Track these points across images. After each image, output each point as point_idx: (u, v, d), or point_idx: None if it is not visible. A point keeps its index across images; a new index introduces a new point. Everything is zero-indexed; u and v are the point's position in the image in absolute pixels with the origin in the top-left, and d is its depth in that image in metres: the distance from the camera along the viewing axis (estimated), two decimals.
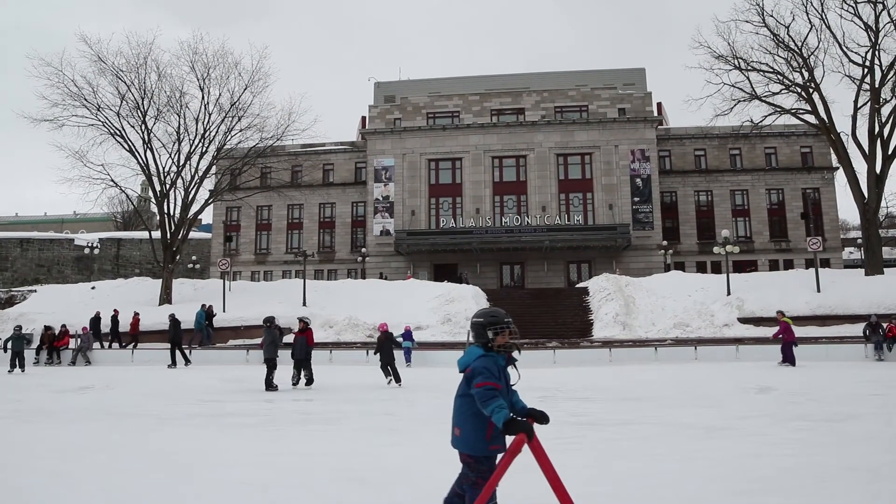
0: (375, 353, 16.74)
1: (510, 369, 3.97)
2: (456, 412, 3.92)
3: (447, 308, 32.38)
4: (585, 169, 50.29)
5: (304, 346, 15.14)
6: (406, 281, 40.31)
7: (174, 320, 23.59)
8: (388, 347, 16.22)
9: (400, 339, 21.73)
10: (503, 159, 51.22)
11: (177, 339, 22.73)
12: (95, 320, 28.39)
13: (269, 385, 14.31)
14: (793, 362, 17.99)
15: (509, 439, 3.75)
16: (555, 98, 52.26)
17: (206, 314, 29.44)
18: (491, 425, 3.73)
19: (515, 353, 3.96)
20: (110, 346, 27.81)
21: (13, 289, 44.49)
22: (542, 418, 3.88)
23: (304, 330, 15.38)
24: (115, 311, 29.50)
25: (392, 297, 34.02)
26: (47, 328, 26.38)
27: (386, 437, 8.16)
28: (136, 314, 29.10)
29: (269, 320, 15.41)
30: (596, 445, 7.40)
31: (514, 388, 3.96)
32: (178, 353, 22.34)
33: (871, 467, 5.96)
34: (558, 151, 50.43)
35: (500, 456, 3.83)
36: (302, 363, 15.12)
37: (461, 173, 51.34)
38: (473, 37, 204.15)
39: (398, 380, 15.71)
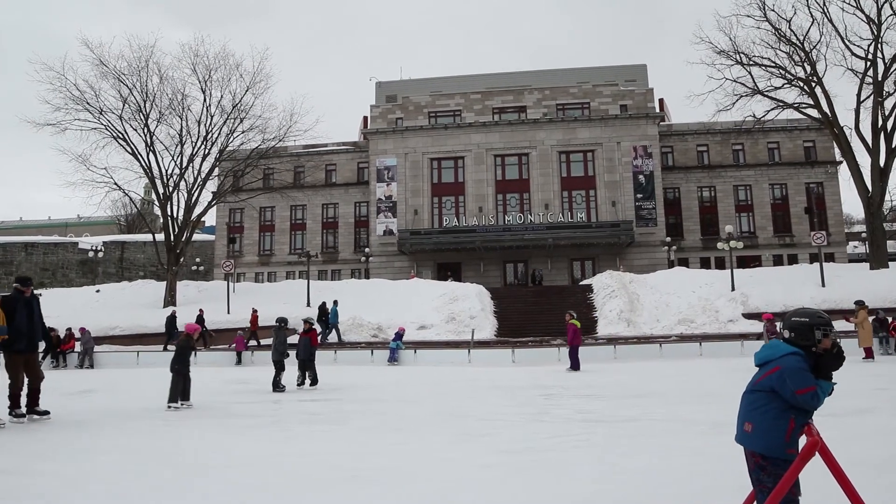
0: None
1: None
2: (748, 407, 3.63)
3: (451, 307, 32.39)
4: (588, 166, 50.24)
5: (307, 346, 15.15)
6: (410, 280, 40.33)
7: None
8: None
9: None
10: (505, 157, 51.20)
11: None
12: (172, 319, 28.62)
13: (277, 386, 14.31)
14: (577, 367, 17.27)
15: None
16: (556, 95, 52.22)
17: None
18: (791, 425, 3.44)
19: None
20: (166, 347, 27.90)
21: None
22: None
23: (308, 331, 15.41)
24: (200, 310, 29.77)
25: (396, 296, 34.04)
26: (51, 329, 26.50)
27: (392, 437, 8.17)
28: (255, 310, 29.08)
29: (282, 321, 15.33)
30: (602, 442, 7.39)
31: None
32: None
33: (877, 461, 5.94)
34: (560, 149, 50.38)
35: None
36: (306, 364, 15.14)
37: (463, 172, 51.33)
38: (473, 34, 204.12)
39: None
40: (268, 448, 7.44)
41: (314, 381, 15.04)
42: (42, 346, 10.21)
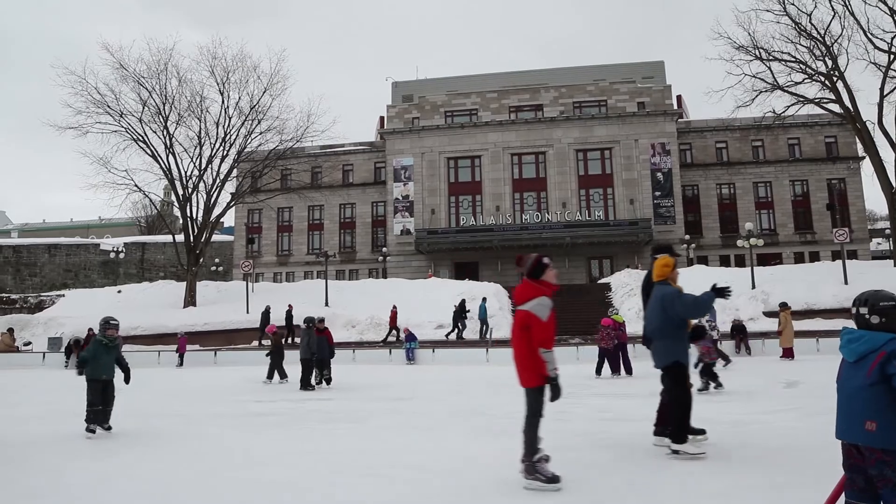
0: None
1: None
2: (866, 403, 3.44)
3: (469, 306, 32.29)
4: (605, 164, 49.99)
5: (324, 346, 15.23)
6: (427, 280, 40.38)
7: None
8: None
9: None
10: (522, 156, 51.09)
11: None
12: (289, 316, 28.90)
13: (305, 385, 14.41)
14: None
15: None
16: (573, 93, 52.00)
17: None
18: None
19: None
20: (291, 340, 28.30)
21: (42, 294, 45.38)
22: None
23: (324, 330, 15.47)
24: (289, 305, 29.96)
25: (413, 296, 34.08)
26: (77, 341, 26.88)
27: (412, 435, 8.18)
28: (395, 307, 29.32)
29: (309, 320, 15.40)
30: (623, 441, 7.35)
31: None
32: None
33: None
34: (578, 147, 50.17)
35: None
36: (322, 363, 15.21)
37: (480, 171, 51.30)
38: (487, 32, 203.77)
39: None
40: (288, 446, 7.49)
41: (328, 381, 15.12)
42: None
